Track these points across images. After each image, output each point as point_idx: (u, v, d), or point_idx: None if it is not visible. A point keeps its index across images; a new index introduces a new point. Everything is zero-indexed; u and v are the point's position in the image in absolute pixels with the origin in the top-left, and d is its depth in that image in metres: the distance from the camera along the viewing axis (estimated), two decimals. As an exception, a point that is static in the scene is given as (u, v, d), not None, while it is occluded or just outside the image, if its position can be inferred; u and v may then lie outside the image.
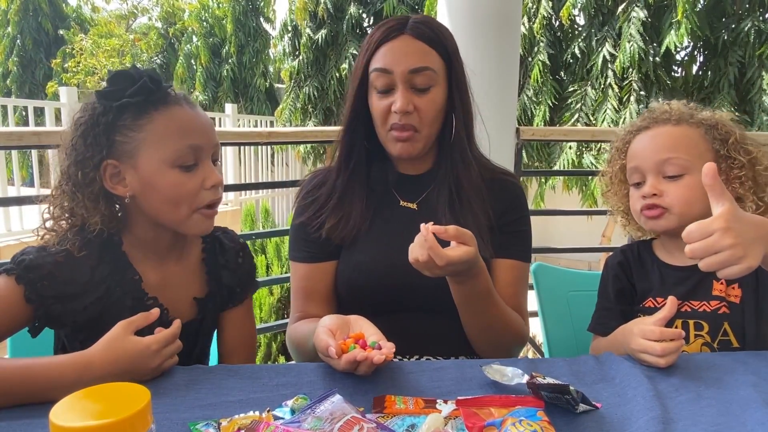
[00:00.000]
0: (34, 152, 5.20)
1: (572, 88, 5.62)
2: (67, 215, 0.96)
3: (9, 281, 0.88)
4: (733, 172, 1.07)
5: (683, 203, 1.06)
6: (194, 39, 9.09)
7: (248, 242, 1.25)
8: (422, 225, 0.90)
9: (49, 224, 0.96)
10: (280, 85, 9.07)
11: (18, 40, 11.01)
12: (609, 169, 1.23)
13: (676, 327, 1.07)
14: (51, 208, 0.96)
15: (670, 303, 0.94)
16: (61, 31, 10.95)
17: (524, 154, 2.96)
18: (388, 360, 0.82)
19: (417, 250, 0.90)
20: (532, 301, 1.45)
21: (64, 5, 11.67)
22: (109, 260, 0.96)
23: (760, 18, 4.98)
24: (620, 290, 1.17)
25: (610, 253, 1.24)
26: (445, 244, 0.93)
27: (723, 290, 1.06)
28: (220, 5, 9.07)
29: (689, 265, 1.10)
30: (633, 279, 1.17)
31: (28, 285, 0.88)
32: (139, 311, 0.90)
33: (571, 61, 5.67)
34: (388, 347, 0.83)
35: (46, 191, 0.99)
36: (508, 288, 1.12)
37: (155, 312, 0.89)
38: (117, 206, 1.00)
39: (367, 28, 7.32)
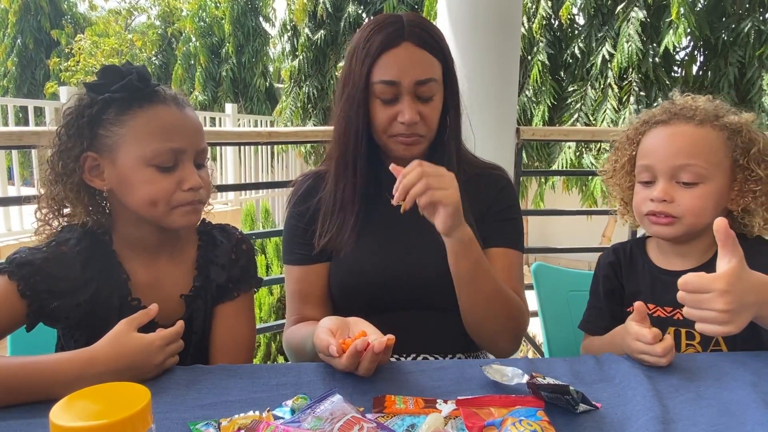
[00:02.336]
0: (34, 152, 5.20)
1: (572, 88, 5.63)
2: (55, 207, 0.96)
3: (2, 279, 0.89)
4: (748, 185, 1.02)
5: (694, 214, 1.01)
6: (192, 39, 9.09)
7: (248, 241, 1.23)
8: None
9: (39, 215, 0.97)
10: (279, 85, 9.07)
11: (18, 40, 11.01)
12: (615, 156, 1.16)
13: (669, 334, 1.05)
14: (40, 201, 0.97)
15: (637, 311, 0.93)
16: (54, 32, 10.95)
17: (524, 154, 2.96)
18: (390, 345, 0.82)
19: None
20: (532, 301, 1.45)
21: (65, 5, 11.66)
22: (98, 259, 0.96)
23: (760, 18, 4.99)
24: (610, 291, 1.16)
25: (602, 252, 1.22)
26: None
27: None
28: (218, 5, 9.06)
29: (681, 269, 1.07)
30: (623, 280, 1.15)
31: (21, 280, 0.89)
32: (125, 311, 0.90)
33: (570, 61, 5.68)
34: (389, 336, 0.83)
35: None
36: (500, 274, 1.11)
37: (154, 308, 0.90)
38: (104, 203, 1.00)
39: (367, 28, 7.30)
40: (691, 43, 5.45)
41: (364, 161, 1.11)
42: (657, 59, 5.17)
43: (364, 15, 7.32)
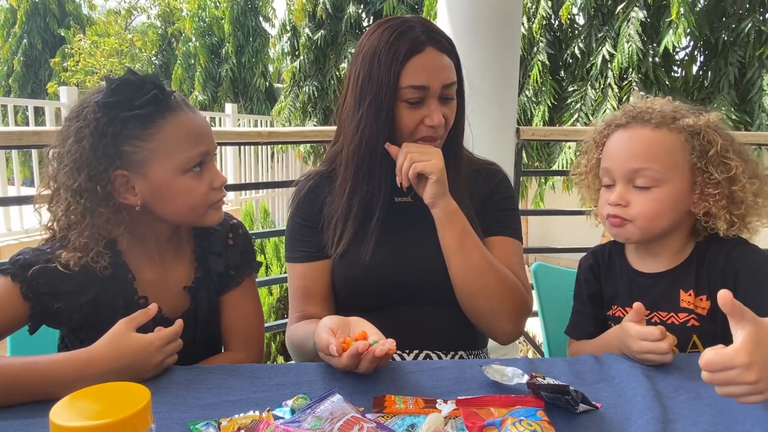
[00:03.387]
0: (34, 152, 5.20)
1: (572, 88, 5.62)
2: (101, 238, 0.91)
3: (5, 280, 0.89)
4: (708, 189, 1.00)
5: (647, 218, 1.01)
6: (192, 39, 9.09)
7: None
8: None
9: (67, 232, 0.92)
10: (279, 85, 9.07)
11: (25, 40, 11.03)
12: (584, 160, 1.16)
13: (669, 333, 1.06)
14: (63, 217, 0.92)
15: (636, 311, 0.93)
16: (61, 32, 10.97)
17: (524, 154, 2.96)
18: (390, 354, 0.83)
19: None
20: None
21: (70, 6, 11.68)
22: (85, 291, 0.95)
23: (760, 18, 4.98)
24: (591, 295, 1.16)
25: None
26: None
27: (691, 302, 1.03)
28: (218, 5, 9.06)
29: (655, 271, 1.07)
30: (602, 282, 1.15)
31: (24, 282, 0.89)
32: (131, 310, 0.90)
33: (570, 61, 5.67)
34: (390, 342, 0.83)
35: (46, 191, 0.97)
36: (500, 260, 1.12)
37: (153, 307, 0.90)
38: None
39: (367, 28, 7.30)
40: (691, 43, 5.45)
41: (388, 167, 1.11)
42: (657, 59, 5.17)
43: (363, 15, 7.32)
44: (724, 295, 0.69)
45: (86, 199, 0.90)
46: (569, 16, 5.52)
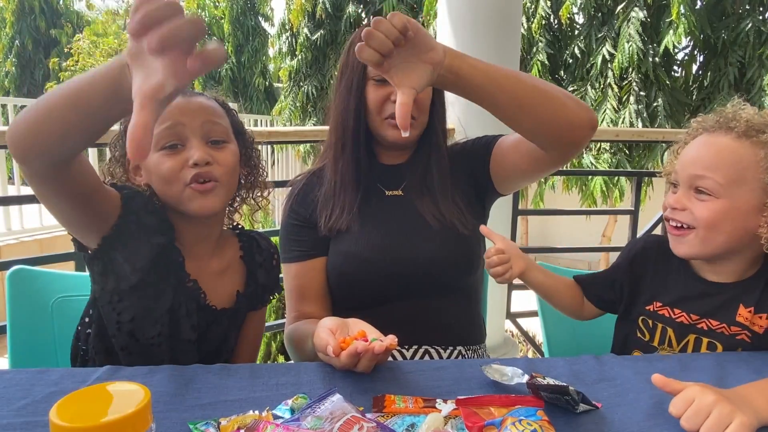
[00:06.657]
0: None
1: (572, 88, 5.63)
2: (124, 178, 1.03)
3: (111, 189, 0.95)
4: None
5: (708, 226, 0.95)
6: (193, 39, 9.09)
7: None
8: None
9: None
10: (279, 85, 9.08)
11: (16, 41, 11.02)
12: (674, 158, 1.07)
13: (688, 342, 1.02)
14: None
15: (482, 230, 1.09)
16: (53, 31, 10.95)
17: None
18: (391, 349, 0.83)
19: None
20: (532, 301, 1.45)
21: (60, 5, 11.65)
22: (160, 235, 0.98)
23: (760, 18, 4.99)
24: (612, 280, 1.13)
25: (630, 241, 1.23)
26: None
27: (748, 318, 0.97)
28: (217, 5, 9.06)
29: (719, 281, 1.02)
30: (638, 273, 1.09)
31: (123, 192, 0.95)
32: (180, 292, 0.96)
33: (570, 61, 5.68)
34: (390, 338, 0.84)
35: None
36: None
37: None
38: None
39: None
40: (691, 43, 5.45)
41: (362, 137, 1.16)
42: (657, 59, 5.18)
43: (363, 15, 7.33)
44: (655, 379, 0.73)
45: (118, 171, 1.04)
46: (569, 16, 5.53)
